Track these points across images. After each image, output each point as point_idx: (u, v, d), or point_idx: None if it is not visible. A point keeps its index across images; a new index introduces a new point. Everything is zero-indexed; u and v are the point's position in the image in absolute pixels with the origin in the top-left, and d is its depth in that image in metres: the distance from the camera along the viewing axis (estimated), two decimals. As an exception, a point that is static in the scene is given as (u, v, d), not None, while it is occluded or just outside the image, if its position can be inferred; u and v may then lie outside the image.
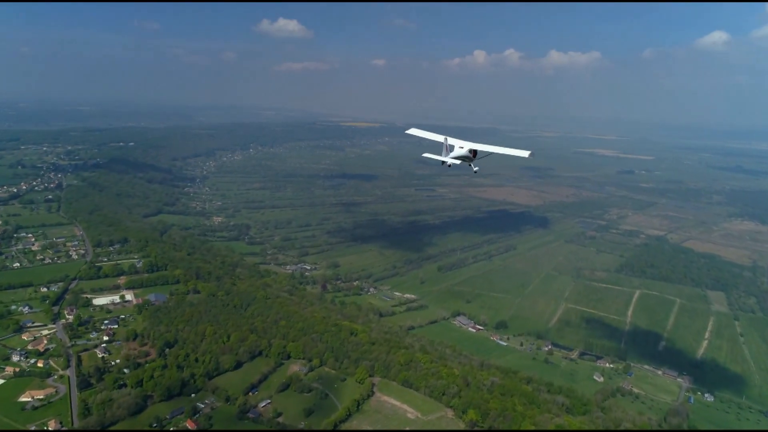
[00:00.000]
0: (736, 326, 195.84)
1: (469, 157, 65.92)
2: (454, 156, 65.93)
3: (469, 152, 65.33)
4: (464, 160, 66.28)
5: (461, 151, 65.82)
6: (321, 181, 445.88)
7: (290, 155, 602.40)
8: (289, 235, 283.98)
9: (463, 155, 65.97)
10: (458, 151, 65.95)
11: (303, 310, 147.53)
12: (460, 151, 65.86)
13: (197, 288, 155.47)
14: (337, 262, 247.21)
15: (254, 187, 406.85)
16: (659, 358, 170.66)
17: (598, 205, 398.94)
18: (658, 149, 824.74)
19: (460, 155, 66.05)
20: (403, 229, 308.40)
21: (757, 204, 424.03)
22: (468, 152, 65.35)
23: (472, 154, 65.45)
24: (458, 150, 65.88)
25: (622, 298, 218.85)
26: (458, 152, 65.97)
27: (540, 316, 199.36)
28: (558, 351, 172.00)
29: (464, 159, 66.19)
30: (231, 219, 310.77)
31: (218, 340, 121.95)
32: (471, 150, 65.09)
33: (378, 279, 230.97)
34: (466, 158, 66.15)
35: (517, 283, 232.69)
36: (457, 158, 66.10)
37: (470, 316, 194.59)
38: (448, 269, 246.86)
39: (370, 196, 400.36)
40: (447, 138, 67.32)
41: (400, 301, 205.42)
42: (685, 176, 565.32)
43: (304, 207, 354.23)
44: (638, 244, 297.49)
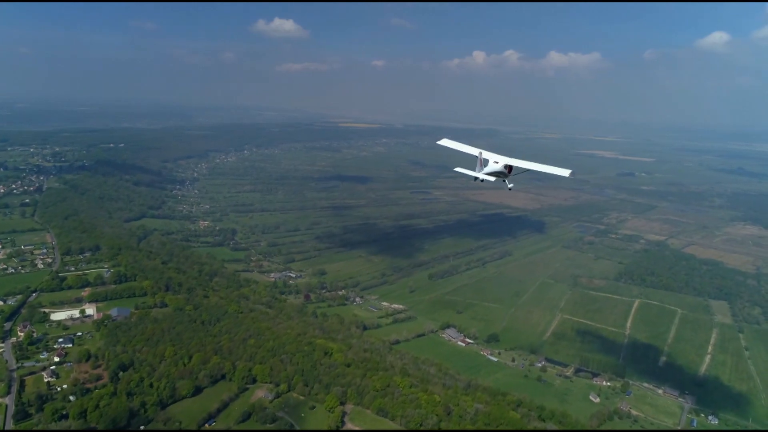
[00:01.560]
0: (741, 339, 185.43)
1: (504, 173, 61.21)
2: (488, 172, 61.04)
3: (504, 168, 60.63)
4: (499, 176, 61.63)
5: (496, 166, 60.90)
6: (314, 184, 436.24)
7: (285, 157, 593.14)
8: (276, 241, 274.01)
9: (498, 171, 61.08)
10: (493, 167, 61.01)
11: (277, 326, 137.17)
12: (495, 167, 60.91)
13: (165, 301, 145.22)
14: (324, 269, 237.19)
15: (245, 189, 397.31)
16: (660, 375, 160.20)
17: (598, 209, 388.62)
18: (659, 151, 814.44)
19: (495, 171, 61.09)
20: (395, 234, 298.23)
21: (760, 207, 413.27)
22: (503, 168, 60.62)
23: (507, 169, 60.88)
24: (493, 165, 61.00)
25: (621, 308, 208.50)
26: (493, 167, 60.99)
27: (534, 328, 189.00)
28: (552, 367, 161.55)
29: (499, 175, 61.51)
30: (217, 223, 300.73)
31: (178, 362, 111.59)
32: (506, 165, 60.50)
33: (366, 288, 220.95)
34: (501, 174, 61.46)
35: (511, 291, 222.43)
36: (491, 174, 61.22)
37: (460, 328, 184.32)
38: (440, 277, 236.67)
39: (364, 199, 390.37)
40: (482, 152, 62.86)
41: (387, 312, 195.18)
42: (687, 179, 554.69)
43: (295, 210, 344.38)
44: (638, 250, 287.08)
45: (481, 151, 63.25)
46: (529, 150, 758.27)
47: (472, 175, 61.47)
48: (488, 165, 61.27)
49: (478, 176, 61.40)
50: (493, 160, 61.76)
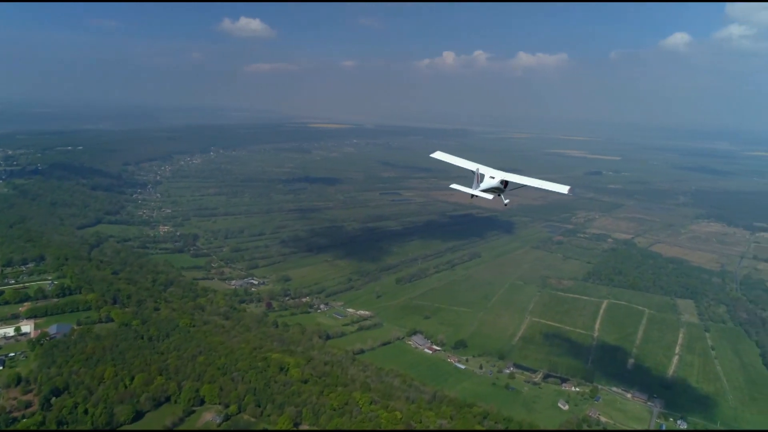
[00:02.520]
0: (707, 338, 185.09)
1: (500, 188, 58.61)
2: (485, 188, 58.12)
3: (500, 183, 57.83)
4: (495, 191, 58.86)
5: (492, 182, 57.87)
6: (281, 186, 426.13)
7: (253, 158, 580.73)
8: (240, 246, 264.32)
9: (494, 186, 58.18)
10: (488, 182, 57.90)
11: (231, 340, 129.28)
12: (491, 182, 57.86)
13: (110, 316, 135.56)
14: (289, 275, 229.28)
15: (209, 192, 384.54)
16: (628, 378, 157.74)
17: (566, 208, 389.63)
18: (626, 150, 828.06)
19: (491, 186, 58.08)
20: (363, 237, 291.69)
21: (722, 205, 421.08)
22: (499, 183, 57.80)
23: (503, 184, 58.16)
24: (488, 181, 57.97)
25: (590, 309, 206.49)
26: (488, 183, 57.90)
27: (502, 333, 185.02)
28: (521, 373, 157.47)
29: (495, 191, 58.75)
30: (179, 228, 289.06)
31: (118, 385, 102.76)
32: (503, 180, 57.68)
33: (331, 294, 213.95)
34: (497, 189, 58.77)
35: (480, 294, 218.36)
36: (487, 190, 58.25)
37: (427, 334, 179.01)
38: (408, 281, 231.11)
39: (332, 201, 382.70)
40: (479, 167, 59.72)
41: (353, 320, 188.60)
42: (652, 177, 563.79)
43: (260, 214, 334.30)
44: (606, 249, 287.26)
45: (479, 166, 60.07)
46: (501, 150, 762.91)
47: (468, 192, 58.19)
48: (483, 180, 58.31)
49: (475, 194, 58.01)
50: (488, 175, 58.84)
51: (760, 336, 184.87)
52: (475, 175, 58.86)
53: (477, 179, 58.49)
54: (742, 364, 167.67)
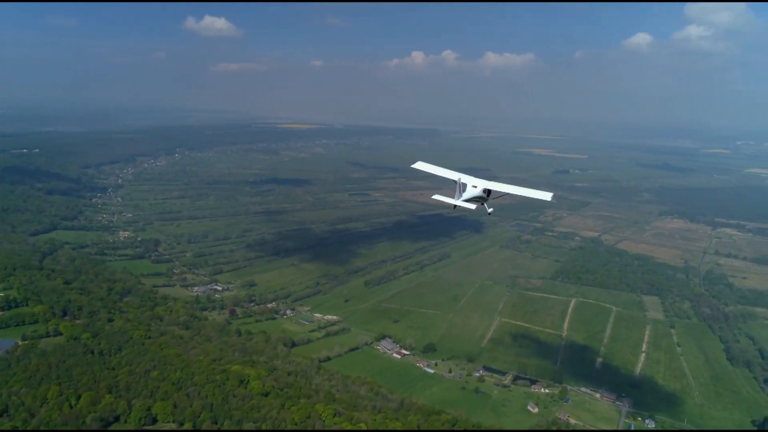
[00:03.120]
0: (673, 335, 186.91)
1: (483, 197, 57.91)
2: (467, 198, 57.31)
3: (483, 192, 57.22)
4: (477, 201, 58.19)
5: (474, 191, 57.17)
6: (248, 188, 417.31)
7: (219, 160, 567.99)
8: (204, 251, 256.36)
9: (477, 196, 57.49)
10: (471, 192, 57.18)
11: (189, 352, 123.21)
12: (474, 191, 57.15)
13: (59, 329, 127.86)
14: (254, 280, 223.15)
15: (173, 196, 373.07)
16: (597, 377, 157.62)
17: (534, 207, 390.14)
18: (592, 148, 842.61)
19: (474, 196, 57.36)
20: (331, 240, 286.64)
21: (685, 201, 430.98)
22: (482, 192, 57.18)
23: (486, 193, 57.51)
24: (471, 190, 57.24)
25: (558, 309, 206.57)
26: (471, 193, 57.17)
27: (472, 335, 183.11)
28: (490, 376, 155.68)
29: (477, 200, 58.08)
30: (140, 233, 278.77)
31: (63, 405, 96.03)
32: (485, 189, 57.11)
33: (298, 298, 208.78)
34: (480, 199, 58.09)
35: (450, 296, 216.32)
36: (469, 200, 57.53)
37: (396, 338, 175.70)
38: (377, 283, 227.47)
39: (300, 203, 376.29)
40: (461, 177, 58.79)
41: (320, 325, 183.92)
42: (617, 174, 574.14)
43: (226, 217, 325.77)
44: (574, 248, 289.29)
45: (461, 175, 59.04)
46: (471, 149, 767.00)
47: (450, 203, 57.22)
48: (466, 190, 57.49)
49: (458, 204, 57.15)
50: (471, 184, 57.92)
51: (723, 331, 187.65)
52: (457, 184, 57.98)
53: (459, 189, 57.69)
54: (707, 360, 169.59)
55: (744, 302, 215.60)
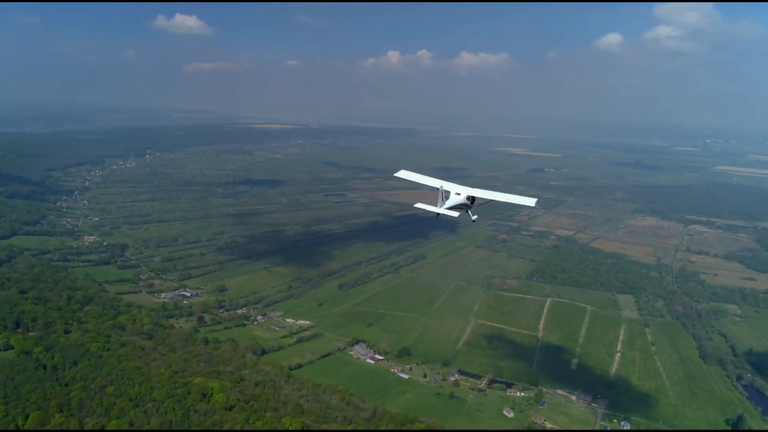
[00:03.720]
0: (647, 334, 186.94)
1: (467, 204, 57.89)
2: (451, 205, 57.16)
3: (467, 199, 57.27)
4: (461, 208, 58.08)
5: (458, 198, 57.25)
6: (221, 189, 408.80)
7: (192, 161, 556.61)
8: (173, 255, 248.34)
9: (461, 203, 57.42)
10: (455, 199, 57.26)
11: (150, 364, 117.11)
12: (457, 199, 57.22)
13: (10, 342, 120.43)
14: (225, 285, 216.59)
15: (142, 198, 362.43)
16: (572, 379, 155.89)
17: (510, 206, 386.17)
18: (566, 147, 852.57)
19: (458, 203, 57.30)
20: (305, 242, 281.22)
21: (657, 199, 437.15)
22: (466, 199, 57.23)
23: (470, 200, 57.65)
24: (454, 197, 57.38)
25: (534, 309, 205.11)
26: (455, 200, 57.21)
27: (447, 337, 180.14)
28: (465, 380, 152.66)
29: (461, 207, 57.97)
30: (106, 238, 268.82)
31: (9, 426, 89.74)
32: (469, 196, 57.28)
33: (270, 303, 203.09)
34: (464, 206, 58.05)
35: (425, 298, 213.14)
36: (453, 207, 57.32)
37: (370, 343, 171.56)
38: (351, 286, 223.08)
39: (274, 205, 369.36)
40: (443, 184, 58.49)
41: (292, 331, 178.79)
42: (591, 173, 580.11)
43: (197, 220, 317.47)
44: (549, 247, 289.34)
45: (443, 183, 58.88)
46: (447, 148, 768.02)
47: (434, 211, 57.14)
48: (450, 197, 57.53)
49: (441, 212, 56.91)
50: (454, 191, 57.89)
51: (696, 329, 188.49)
52: (439, 192, 57.44)
53: (441, 196, 57.35)
54: (681, 359, 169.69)
55: (715, 299, 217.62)
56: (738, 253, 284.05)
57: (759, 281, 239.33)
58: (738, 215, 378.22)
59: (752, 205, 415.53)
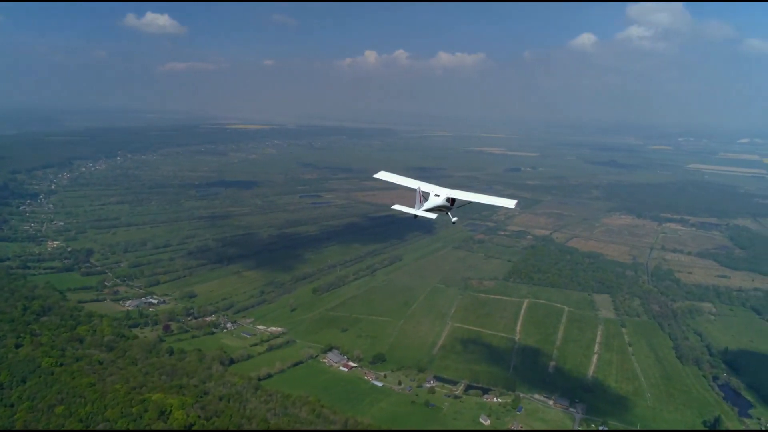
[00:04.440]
0: (624, 334, 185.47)
1: (447, 206, 57.06)
2: (429, 207, 56.21)
3: (446, 201, 56.50)
4: (441, 210, 57.19)
5: (437, 200, 56.54)
6: (194, 191, 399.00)
7: (164, 162, 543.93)
8: (141, 260, 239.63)
9: (440, 205, 56.64)
10: (434, 201, 56.53)
11: (106, 380, 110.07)
12: (437, 200, 56.52)
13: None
14: (194, 290, 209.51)
15: (111, 201, 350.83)
16: (550, 383, 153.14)
17: (487, 206, 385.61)
18: (542, 146, 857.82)
19: (437, 205, 56.46)
20: (279, 245, 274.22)
21: (632, 197, 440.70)
22: (445, 201, 56.50)
23: (450, 202, 56.81)
24: (434, 199, 56.68)
25: (511, 311, 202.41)
26: (434, 202, 56.48)
27: (423, 342, 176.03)
28: (441, 386, 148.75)
29: (441, 209, 57.06)
30: (71, 243, 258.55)
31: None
32: (448, 198, 56.53)
33: (241, 309, 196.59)
34: (444, 208, 57.14)
35: (401, 301, 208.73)
36: (432, 209, 56.42)
37: (344, 349, 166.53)
38: (325, 290, 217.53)
39: (248, 207, 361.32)
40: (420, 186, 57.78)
41: (263, 338, 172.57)
42: (567, 172, 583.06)
43: (168, 223, 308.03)
44: (526, 246, 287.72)
45: (420, 184, 58.28)
46: (424, 148, 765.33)
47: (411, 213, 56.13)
48: (429, 199, 56.50)
49: (419, 214, 56.00)
50: (433, 193, 57.14)
51: (672, 328, 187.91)
52: (417, 193, 56.40)
53: (419, 198, 56.26)
54: (658, 359, 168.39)
55: (690, 297, 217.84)
56: (712, 251, 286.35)
57: (732, 279, 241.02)
58: (711, 213, 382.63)
59: (724, 203, 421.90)
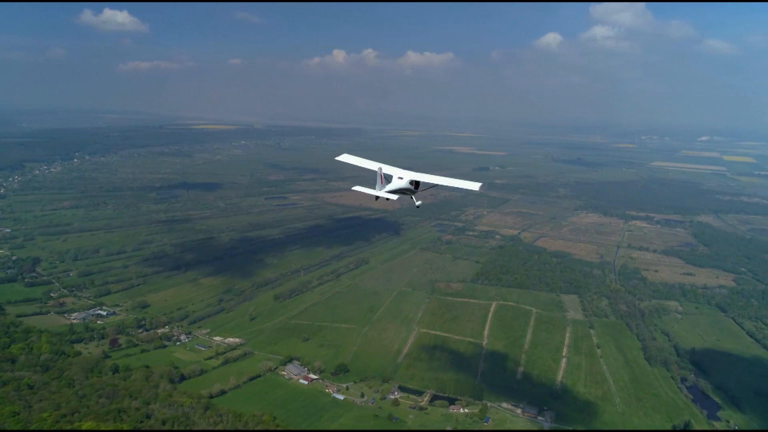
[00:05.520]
0: (592, 336, 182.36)
1: (411, 189, 57.86)
2: (392, 189, 56.86)
3: (410, 183, 57.23)
4: (404, 193, 58.08)
5: (401, 182, 57.28)
6: (154, 194, 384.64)
7: (125, 164, 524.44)
8: (92, 268, 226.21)
9: (403, 188, 57.48)
10: (397, 183, 57.26)
11: (33, 406, 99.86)
12: (400, 183, 57.27)
13: None
14: (147, 300, 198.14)
15: (64, 206, 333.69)
16: (518, 390, 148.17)
17: (456, 206, 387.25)
18: (510, 145, 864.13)
19: (400, 188, 57.34)
20: (240, 249, 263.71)
21: (598, 195, 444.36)
22: (408, 183, 57.19)
23: (414, 185, 57.63)
24: (397, 182, 57.35)
25: (479, 314, 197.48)
26: (397, 184, 57.22)
27: (388, 350, 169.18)
28: (406, 398, 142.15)
29: (404, 192, 57.89)
30: (17, 251, 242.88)
31: None
32: (412, 181, 57.14)
33: (197, 319, 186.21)
34: (407, 191, 57.90)
35: (366, 306, 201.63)
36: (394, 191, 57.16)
37: (305, 361, 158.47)
38: (288, 297, 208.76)
39: (209, 210, 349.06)
40: (381, 167, 58.23)
41: (218, 350, 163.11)
42: (535, 170, 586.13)
43: (124, 228, 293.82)
44: (494, 247, 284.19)
45: (381, 165, 58.39)
46: (393, 148, 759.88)
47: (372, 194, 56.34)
48: (392, 181, 56.85)
49: (380, 195, 56.29)
50: (396, 175, 57.51)
51: (640, 328, 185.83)
52: (378, 174, 55.83)
53: (380, 179, 55.64)
54: (626, 361, 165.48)
55: (657, 296, 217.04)
56: (677, 248, 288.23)
57: (698, 276, 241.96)
58: (675, 210, 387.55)
59: (687, 200, 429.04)
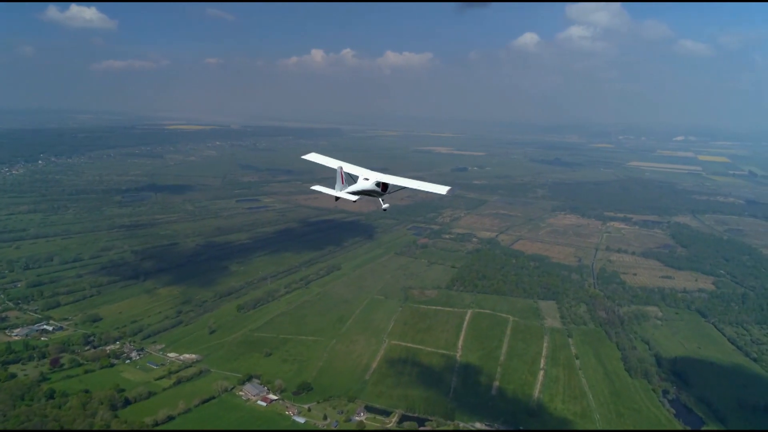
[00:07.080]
0: (571, 345, 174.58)
1: (377, 191, 54.07)
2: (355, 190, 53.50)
3: (376, 185, 53.69)
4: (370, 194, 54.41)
5: (366, 183, 53.79)
6: (120, 197, 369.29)
7: (92, 166, 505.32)
8: (42, 278, 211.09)
9: (368, 189, 53.87)
10: (362, 184, 53.80)
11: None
12: (365, 184, 53.81)
13: None
14: (99, 313, 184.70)
15: (21, 210, 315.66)
16: (492, 407, 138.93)
17: (432, 207, 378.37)
18: (489, 145, 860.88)
19: (364, 189, 53.81)
20: (204, 256, 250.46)
21: (576, 196, 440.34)
22: (374, 185, 53.65)
23: (381, 187, 53.97)
24: (362, 182, 53.88)
25: (453, 323, 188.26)
26: (362, 185, 53.77)
27: (355, 365, 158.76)
28: (373, 418, 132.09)
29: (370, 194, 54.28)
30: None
31: None
32: (378, 183, 53.60)
33: (152, 333, 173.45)
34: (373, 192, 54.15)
35: (335, 317, 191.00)
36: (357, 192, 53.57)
37: (265, 379, 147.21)
38: (252, 307, 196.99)
39: (177, 213, 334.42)
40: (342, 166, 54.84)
41: (171, 369, 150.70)
42: (513, 171, 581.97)
43: (84, 233, 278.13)
44: (470, 251, 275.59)
45: (342, 164, 55.67)
46: (371, 148, 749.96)
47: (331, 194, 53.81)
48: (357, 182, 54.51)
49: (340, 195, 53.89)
50: (362, 176, 55.04)
51: (620, 336, 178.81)
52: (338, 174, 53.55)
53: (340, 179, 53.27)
54: (606, 373, 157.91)
55: (636, 301, 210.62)
56: (655, 250, 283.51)
57: (677, 279, 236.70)
58: (652, 210, 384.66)
59: (664, 200, 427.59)
